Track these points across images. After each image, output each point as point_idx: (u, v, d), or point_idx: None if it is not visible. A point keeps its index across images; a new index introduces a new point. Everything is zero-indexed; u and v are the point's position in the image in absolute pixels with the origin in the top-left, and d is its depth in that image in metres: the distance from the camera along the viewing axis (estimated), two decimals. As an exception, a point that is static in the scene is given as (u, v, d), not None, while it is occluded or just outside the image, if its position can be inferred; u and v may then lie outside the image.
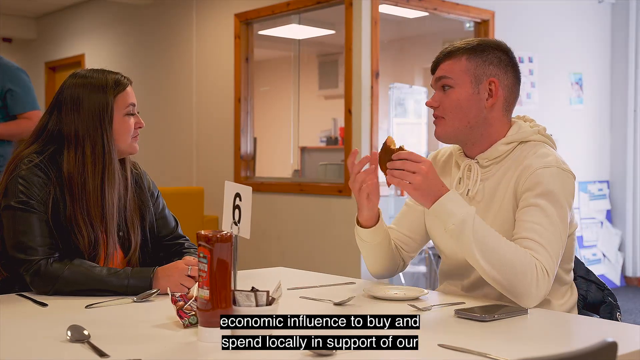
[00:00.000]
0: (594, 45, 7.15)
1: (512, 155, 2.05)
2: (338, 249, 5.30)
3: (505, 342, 1.53)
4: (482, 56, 2.07)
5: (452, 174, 2.18)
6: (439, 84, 2.09)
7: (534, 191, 1.93)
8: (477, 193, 2.06)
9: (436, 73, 2.11)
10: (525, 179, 1.96)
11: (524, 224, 1.91)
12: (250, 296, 1.49)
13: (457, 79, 2.07)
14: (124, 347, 1.46)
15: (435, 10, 5.75)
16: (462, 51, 2.07)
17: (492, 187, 2.04)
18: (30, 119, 3.98)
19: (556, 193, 1.92)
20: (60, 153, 2.13)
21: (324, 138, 8.14)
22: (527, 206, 1.93)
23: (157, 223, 2.32)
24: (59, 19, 9.12)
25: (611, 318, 2.09)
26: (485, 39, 2.15)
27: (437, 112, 2.10)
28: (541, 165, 1.96)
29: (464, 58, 2.06)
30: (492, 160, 2.06)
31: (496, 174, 2.05)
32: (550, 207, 1.90)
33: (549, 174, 1.94)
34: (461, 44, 2.09)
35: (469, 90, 2.06)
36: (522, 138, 2.06)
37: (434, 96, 2.11)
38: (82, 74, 2.20)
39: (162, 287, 1.96)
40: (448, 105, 2.07)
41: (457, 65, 2.07)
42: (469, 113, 2.06)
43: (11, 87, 3.95)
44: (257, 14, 6.10)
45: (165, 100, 7.27)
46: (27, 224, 2.01)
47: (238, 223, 1.60)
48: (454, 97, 2.07)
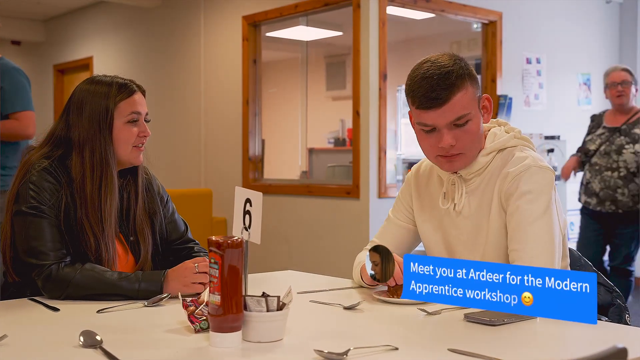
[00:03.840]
0: (602, 45, 7.13)
1: (492, 165, 2.04)
2: (346, 250, 5.29)
3: (514, 346, 1.53)
4: (473, 75, 1.98)
5: (434, 189, 2.17)
6: (456, 123, 1.94)
7: (515, 194, 1.95)
8: (464, 208, 2.05)
9: (450, 112, 1.92)
10: (508, 186, 1.97)
11: (512, 234, 1.94)
12: (261, 301, 1.50)
13: (473, 109, 1.96)
14: (136, 352, 1.47)
15: (442, 11, 5.75)
16: (463, 77, 1.93)
17: (478, 200, 2.04)
18: (19, 119, 3.84)
19: (537, 190, 1.94)
20: (69, 157, 2.13)
21: (331, 139, 8.14)
22: (513, 212, 1.95)
23: (167, 227, 2.33)
24: (67, 21, 9.15)
25: (620, 321, 2.08)
26: (447, 54, 1.99)
27: (455, 150, 1.97)
28: (520, 170, 1.96)
29: (468, 84, 1.95)
30: (474, 173, 2.05)
31: (479, 187, 2.05)
32: (533, 206, 1.92)
33: (528, 175, 1.95)
34: (451, 69, 1.92)
35: (479, 117, 2.00)
36: (500, 146, 2.04)
37: (447, 134, 1.94)
38: (92, 79, 2.20)
39: (173, 289, 1.97)
40: (467, 140, 1.97)
41: (467, 95, 1.94)
42: (481, 138, 2.03)
43: (3, 86, 3.82)
44: (264, 16, 6.11)
45: (174, 103, 7.29)
46: (39, 229, 2.03)
47: (248, 228, 1.61)
48: (473, 130, 1.97)
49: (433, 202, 2.16)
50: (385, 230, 2.29)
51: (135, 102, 2.17)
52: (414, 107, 1.97)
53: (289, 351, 1.46)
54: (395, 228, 2.26)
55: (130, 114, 2.16)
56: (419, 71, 1.96)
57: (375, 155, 5.26)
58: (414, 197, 2.23)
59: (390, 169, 5.40)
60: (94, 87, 2.15)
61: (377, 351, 1.44)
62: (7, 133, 3.85)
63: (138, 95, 2.19)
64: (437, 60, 1.95)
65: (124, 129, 2.15)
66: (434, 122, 1.94)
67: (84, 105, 2.13)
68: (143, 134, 2.19)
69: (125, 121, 2.15)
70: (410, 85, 1.97)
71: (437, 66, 1.93)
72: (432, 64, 1.94)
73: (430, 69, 1.93)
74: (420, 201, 2.20)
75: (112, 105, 2.13)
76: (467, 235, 2.07)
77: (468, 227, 2.06)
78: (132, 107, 2.16)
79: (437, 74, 1.91)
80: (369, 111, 5.23)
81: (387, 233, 2.28)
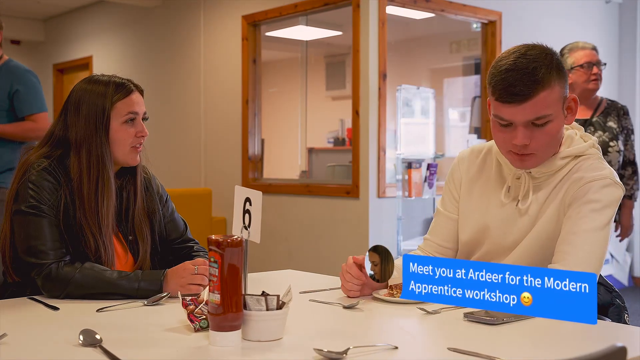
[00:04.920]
0: (602, 45, 7.10)
1: (564, 169, 1.97)
2: (345, 250, 5.30)
3: (514, 345, 1.54)
4: (563, 72, 1.87)
5: (491, 175, 2.09)
6: (535, 122, 1.85)
7: (582, 200, 1.89)
8: (529, 206, 1.98)
9: (530, 110, 1.82)
10: (577, 190, 1.91)
11: (566, 236, 1.89)
12: (261, 300, 1.50)
13: (556, 110, 1.85)
14: (135, 351, 1.47)
15: (442, 11, 5.75)
16: (551, 74, 1.83)
17: (541, 202, 1.97)
18: (35, 121, 3.96)
19: (604, 202, 1.88)
20: (67, 157, 2.13)
21: (331, 139, 8.14)
22: (573, 215, 1.89)
23: (167, 227, 2.33)
24: (67, 21, 9.15)
25: (619, 320, 2.08)
26: (539, 46, 1.88)
27: (528, 149, 1.88)
28: (596, 178, 1.90)
29: (556, 84, 1.84)
30: (546, 174, 1.97)
31: (547, 187, 1.98)
32: (597, 216, 1.87)
33: (601, 186, 1.89)
34: (539, 64, 1.82)
35: (561, 118, 1.90)
36: (578, 153, 1.97)
37: (522, 132, 1.85)
38: (90, 79, 2.19)
39: (172, 289, 1.97)
40: (543, 142, 1.88)
41: (552, 95, 1.83)
42: (559, 140, 1.94)
43: (18, 88, 3.94)
44: (264, 16, 6.11)
45: (173, 102, 7.29)
46: (38, 228, 2.03)
47: (248, 228, 1.61)
48: (552, 131, 1.87)
49: (485, 190, 2.08)
50: (436, 225, 2.20)
51: (132, 102, 2.15)
52: (493, 97, 1.88)
53: (288, 350, 1.46)
54: (445, 220, 2.17)
55: (127, 114, 2.14)
56: (505, 61, 1.85)
57: (374, 155, 5.27)
58: (463, 181, 2.14)
59: (390, 168, 5.40)
60: (92, 87, 2.14)
61: (377, 350, 1.44)
62: (25, 135, 3.97)
63: (136, 95, 2.17)
64: (527, 52, 1.84)
65: (121, 129, 2.14)
66: (511, 117, 1.85)
67: (81, 105, 2.13)
68: (140, 134, 2.17)
69: (122, 121, 2.14)
70: (492, 75, 1.87)
71: (525, 59, 1.82)
72: (520, 56, 1.83)
73: (517, 60, 1.83)
74: (470, 186, 2.12)
75: (109, 105, 2.12)
76: (516, 231, 2.00)
77: (519, 223, 2.00)
78: (129, 107, 2.14)
79: (522, 68, 1.81)
80: (369, 111, 5.23)
81: (438, 227, 2.19)
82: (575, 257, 1.85)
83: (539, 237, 1.97)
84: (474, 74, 7.15)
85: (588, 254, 1.85)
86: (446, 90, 7.67)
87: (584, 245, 1.85)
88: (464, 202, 2.14)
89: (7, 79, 3.94)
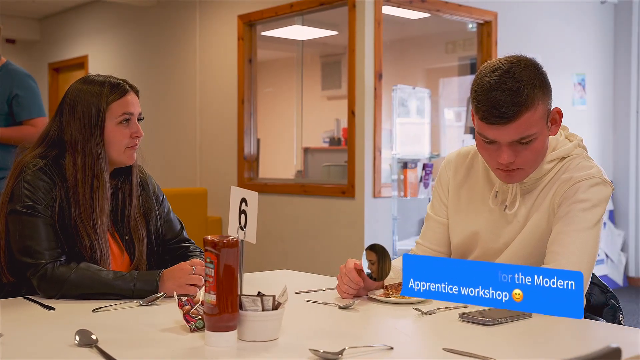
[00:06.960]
0: (597, 46, 7.15)
1: (552, 172, 1.98)
2: (341, 250, 5.30)
3: (509, 346, 1.54)
4: (547, 88, 1.87)
5: (476, 180, 2.11)
6: (520, 141, 1.85)
7: (572, 199, 1.90)
8: (515, 209, 1.99)
9: (514, 131, 1.81)
10: (566, 190, 1.93)
11: (557, 236, 1.90)
12: (257, 301, 1.50)
13: (540, 127, 1.85)
14: (131, 351, 1.47)
15: (438, 11, 5.76)
16: (535, 93, 1.81)
17: (530, 204, 1.99)
18: (34, 125, 3.95)
19: (594, 201, 1.90)
20: (63, 157, 2.13)
21: (327, 139, 8.15)
22: (563, 216, 1.91)
23: (162, 227, 2.33)
24: (63, 20, 9.13)
25: (614, 321, 2.09)
26: (522, 60, 1.86)
27: (514, 165, 1.88)
28: (584, 177, 1.92)
29: (539, 102, 1.83)
30: (533, 177, 1.98)
31: (535, 190, 1.99)
32: (586, 215, 1.88)
33: (590, 185, 1.91)
34: (523, 84, 1.79)
35: (546, 133, 1.90)
36: (564, 154, 1.98)
37: (507, 152, 1.84)
38: (85, 79, 2.18)
39: (168, 289, 1.97)
40: (529, 158, 1.88)
41: (536, 114, 1.83)
42: (545, 152, 1.94)
43: (18, 93, 3.93)
44: (260, 15, 6.11)
45: (169, 102, 7.29)
46: (33, 228, 2.02)
47: (244, 228, 1.61)
48: (538, 147, 1.88)
49: (472, 194, 2.10)
50: (427, 229, 2.21)
51: (127, 102, 2.15)
52: (477, 116, 1.85)
53: (284, 350, 1.47)
54: (436, 225, 2.18)
55: (122, 115, 2.13)
56: (488, 79, 1.82)
57: (370, 154, 5.27)
58: (450, 186, 2.16)
59: (385, 168, 5.41)
60: (87, 87, 2.14)
61: (372, 351, 1.45)
62: (24, 139, 3.91)
63: (131, 95, 2.17)
64: (510, 69, 1.81)
65: (116, 130, 2.13)
66: (495, 137, 1.84)
67: (77, 105, 2.12)
68: (135, 134, 2.17)
69: (117, 122, 2.13)
70: (476, 92, 1.84)
71: (509, 78, 1.79)
72: (503, 74, 1.81)
73: (500, 79, 1.79)
74: (458, 191, 2.14)
75: (104, 106, 2.11)
76: (506, 235, 2.02)
77: (508, 227, 2.02)
78: (124, 107, 2.14)
79: (507, 89, 1.78)
80: (364, 111, 5.24)
81: (429, 231, 2.20)
82: (566, 257, 1.86)
83: (529, 239, 1.98)
84: (469, 74, 7.17)
85: (579, 254, 1.87)
86: (442, 90, 7.67)
87: (575, 245, 1.87)
88: (453, 207, 2.16)
89: (6, 83, 3.93)
